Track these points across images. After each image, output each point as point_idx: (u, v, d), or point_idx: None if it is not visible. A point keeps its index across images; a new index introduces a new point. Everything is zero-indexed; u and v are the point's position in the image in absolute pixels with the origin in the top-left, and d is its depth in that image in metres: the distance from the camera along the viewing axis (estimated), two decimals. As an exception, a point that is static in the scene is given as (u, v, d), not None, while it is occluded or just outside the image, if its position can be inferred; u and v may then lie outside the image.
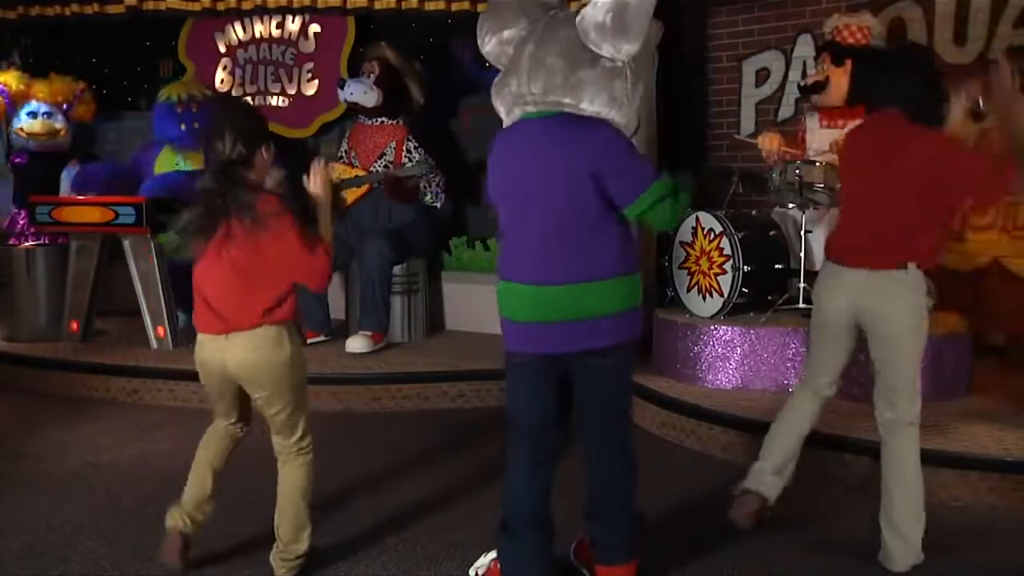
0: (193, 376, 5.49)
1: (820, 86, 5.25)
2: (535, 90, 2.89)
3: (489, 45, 3.06)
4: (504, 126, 3.06)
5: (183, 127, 6.59)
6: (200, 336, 3.17)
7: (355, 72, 6.66)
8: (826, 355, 3.52)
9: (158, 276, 6.08)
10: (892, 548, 3.31)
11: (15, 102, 6.68)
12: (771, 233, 5.26)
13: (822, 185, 4.88)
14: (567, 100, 2.88)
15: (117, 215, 5.98)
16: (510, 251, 2.98)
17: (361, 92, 6.27)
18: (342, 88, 6.35)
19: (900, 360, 3.32)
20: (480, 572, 3.23)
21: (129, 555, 3.42)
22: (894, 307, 3.30)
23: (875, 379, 3.39)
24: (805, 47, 6.23)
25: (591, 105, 2.88)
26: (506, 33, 3.01)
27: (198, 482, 3.33)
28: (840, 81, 5.19)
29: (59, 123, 6.74)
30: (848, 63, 5.18)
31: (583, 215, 2.86)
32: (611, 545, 3.06)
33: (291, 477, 3.25)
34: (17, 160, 6.88)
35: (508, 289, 2.98)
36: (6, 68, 7.29)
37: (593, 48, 2.89)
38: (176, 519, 3.25)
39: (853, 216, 3.44)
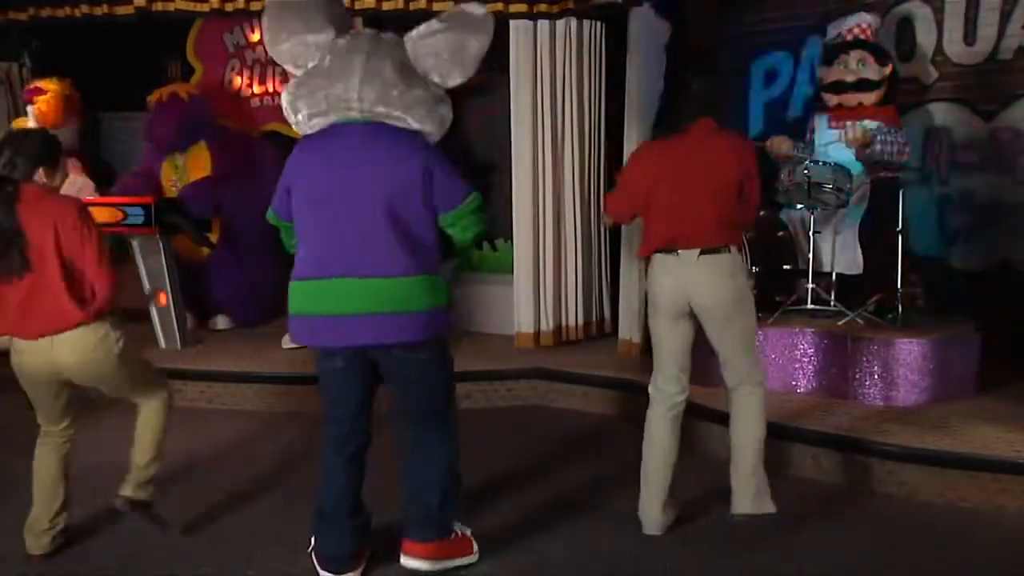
0: (201, 376, 5.58)
1: (874, 84, 5.22)
2: (367, 97, 3.03)
3: (286, 43, 3.17)
4: (307, 128, 3.15)
5: (163, 129, 6.63)
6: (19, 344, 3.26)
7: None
8: None
9: (166, 276, 6.10)
10: (739, 492, 3.51)
11: None
12: (779, 234, 5.24)
13: (830, 186, 4.87)
14: (397, 113, 3.06)
15: (126, 215, 5.99)
16: (321, 248, 3.04)
17: None
18: None
19: None
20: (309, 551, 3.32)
21: (134, 555, 3.42)
22: None
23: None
24: (813, 47, 6.22)
25: (419, 123, 3.08)
26: (311, 37, 3.14)
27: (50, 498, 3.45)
28: (884, 83, 5.22)
29: None
30: (890, 65, 5.22)
31: (408, 215, 3.00)
32: (419, 521, 3.21)
33: (146, 420, 3.51)
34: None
35: (313, 286, 3.04)
36: (17, 70, 7.35)
37: (422, 73, 3.11)
38: (39, 544, 3.40)
39: None
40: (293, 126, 3.22)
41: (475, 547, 3.34)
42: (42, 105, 6.79)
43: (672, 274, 3.52)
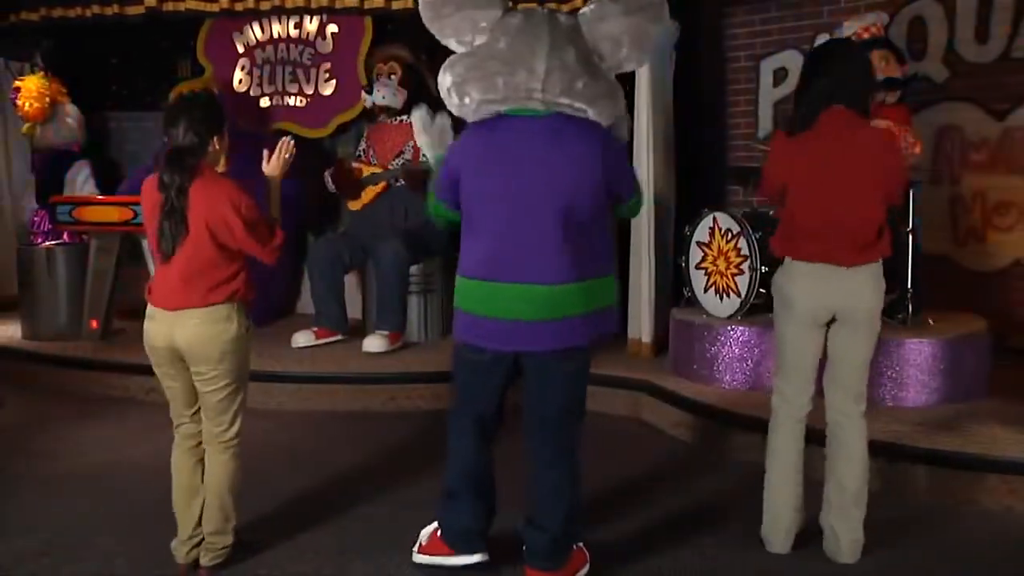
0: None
1: (899, 82, 5.21)
2: (552, 88, 2.87)
3: (453, 17, 2.96)
4: (473, 114, 3.00)
5: None
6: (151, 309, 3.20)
7: (367, 73, 6.68)
8: None
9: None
10: (844, 540, 3.32)
11: None
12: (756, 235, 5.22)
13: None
14: (580, 105, 2.91)
15: (136, 214, 6.01)
16: (494, 248, 2.94)
17: (391, 95, 6.32)
18: (370, 93, 6.38)
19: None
20: (423, 542, 3.31)
21: (145, 554, 3.42)
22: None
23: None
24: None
25: (598, 116, 2.94)
26: (478, 13, 2.95)
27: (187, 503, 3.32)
28: (905, 79, 5.23)
29: None
30: (906, 64, 5.25)
31: (586, 215, 2.91)
32: (543, 552, 3.12)
33: (217, 469, 3.26)
34: (36, 160, 7.00)
35: (486, 288, 2.97)
36: (29, 70, 7.38)
37: (597, 60, 2.96)
38: (182, 554, 3.30)
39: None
40: (453, 110, 3.05)
41: (587, 555, 3.24)
42: (20, 102, 6.87)
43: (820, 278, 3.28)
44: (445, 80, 3.02)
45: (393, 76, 6.37)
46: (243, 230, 3.11)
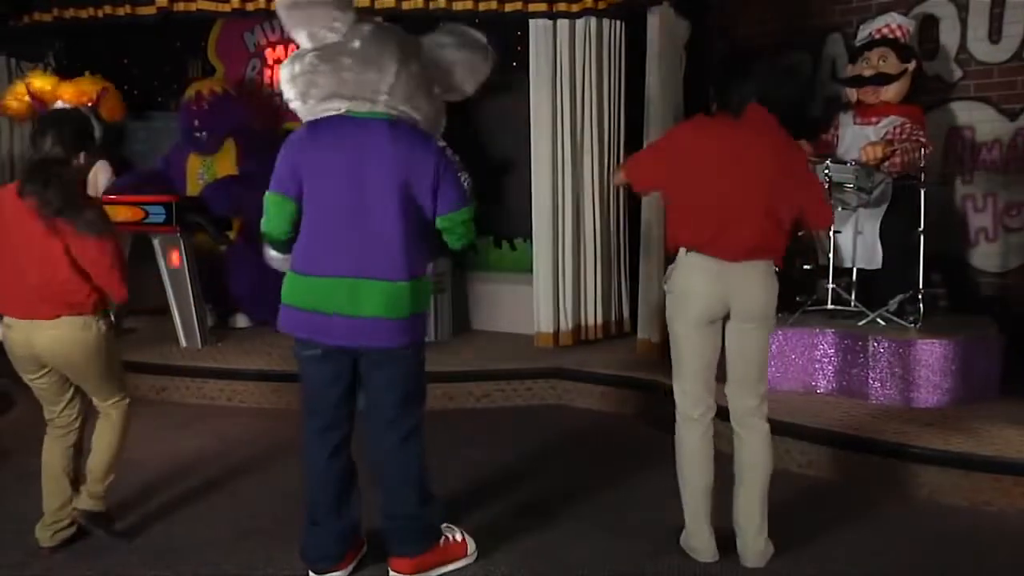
0: (221, 374, 5.61)
1: (889, 79, 5.20)
2: (398, 93, 2.99)
3: (311, 9, 3.00)
4: (313, 111, 3.03)
5: (196, 123, 6.66)
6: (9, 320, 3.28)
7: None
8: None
9: (187, 274, 6.13)
10: (755, 544, 3.26)
11: (44, 103, 6.76)
12: (799, 233, 5.20)
13: (852, 185, 4.83)
14: (416, 116, 3.06)
15: (147, 214, 6.03)
16: (332, 245, 2.95)
17: None
18: None
19: None
20: None
21: (156, 551, 3.44)
22: None
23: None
24: (833, 46, 6.18)
25: (425, 128, 3.10)
26: (336, 12, 3.02)
27: (53, 491, 3.46)
28: (904, 77, 5.20)
29: None
30: (914, 61, 5.23)
31: (416, 217, 2.98)
32: (400, 537, 3.16)
33: (102, 430, 3.45)
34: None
35: (321, 283, 2.96)
36: (42, 70, 7.40)
37: (432, 82, 3.12)
38: (46, 537, 3.40)
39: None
40: (294, 102, 3.06)
41: (470, 548, 3.27)
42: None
43: (712, 274, 3.24)
44: (292, 68, 3.04)
45: None
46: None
